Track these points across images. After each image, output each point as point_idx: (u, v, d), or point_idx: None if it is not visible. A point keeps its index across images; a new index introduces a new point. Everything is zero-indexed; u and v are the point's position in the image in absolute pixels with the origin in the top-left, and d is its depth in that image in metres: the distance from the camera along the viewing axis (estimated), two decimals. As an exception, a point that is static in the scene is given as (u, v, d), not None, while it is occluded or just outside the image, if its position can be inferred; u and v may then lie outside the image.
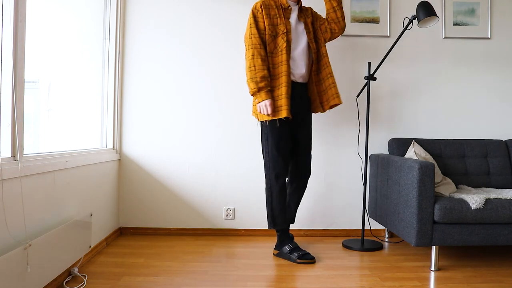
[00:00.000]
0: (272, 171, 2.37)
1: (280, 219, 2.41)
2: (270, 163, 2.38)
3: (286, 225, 2.45)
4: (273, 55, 2.35)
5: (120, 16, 2.82)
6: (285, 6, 2.40)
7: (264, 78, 2.27)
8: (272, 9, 2.38)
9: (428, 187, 2.14)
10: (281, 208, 2.41)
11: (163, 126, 2.88)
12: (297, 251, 2.34)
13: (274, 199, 2.40)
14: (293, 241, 2.43)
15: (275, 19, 2.37)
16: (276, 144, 2.34)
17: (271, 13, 2.37)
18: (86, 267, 2.15)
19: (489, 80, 2.99)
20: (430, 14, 2.44)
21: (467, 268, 2.24)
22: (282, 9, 2.40)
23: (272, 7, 2.38)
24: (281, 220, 2.42)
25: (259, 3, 2.38)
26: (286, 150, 2.37)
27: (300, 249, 2.37)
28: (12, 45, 1.54)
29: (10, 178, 1.49)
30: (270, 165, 2.38)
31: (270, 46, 2.34)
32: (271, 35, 2.34)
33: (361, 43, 2.94)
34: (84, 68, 2.64)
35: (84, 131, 2.62)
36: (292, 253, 2.34)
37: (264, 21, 2.34)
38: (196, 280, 2.00)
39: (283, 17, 2.37)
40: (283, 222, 2.43)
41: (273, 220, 2.43)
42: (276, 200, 2.39)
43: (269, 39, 2.34)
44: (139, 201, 2.88)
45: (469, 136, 2.99)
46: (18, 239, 1.53)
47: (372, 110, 2.93)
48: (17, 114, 1.56)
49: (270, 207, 2.42)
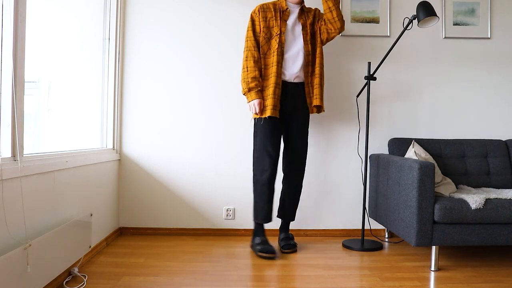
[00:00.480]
0: (257, 166, 2.47)
1: (262, 213, 2.48)
2: (257, 158, 2.48)
3: (268, 220, 2.50)
4: (266, 56, 2.46)
5: (120, 16, 2.82)
6: (283, 8, 2.49)
7: (254, 78, 2.40)
8: (269, 12, 2.48)
9: (428, 187, 2.14)
10: (264, 203, 2.47)
11: (163, 126, 2.88)
12: (264, 244, 2.41)
13: (258, 194, 2.48)
14: (263, 235, 2.50)
15: (271, 21, 2.47)
16: (263, 141, 2.43)
17: (267, 16, 2.47)
18: (86, 267, 2.15)
19: (489, 80, 2.99)
20: (430, 14, 2.44)
21: (467, 268, 2.24)
22: (280, 11, 2.48)
23: (270, 10, 2.49)
24: (263, 215, 2.48)
25: (258, 6, 2.51)
26: (273, 147, 2.44)
27: (267, 243, 2.43)
28: (12, 45, 1.54)
29: (10, 178, 1.49)
30: (256, 160, 2.48)
31: (264, 48, 2.46)
32: (265, 37, 2.46)
33: (361, 43, 2.94)
34: (84, 68, 2.64)
35: (84, 131, 2.62)
36: (258, 245, 2.42)
37: (260, 23, 2.46)
38: (196, 280, 2.00)
39: (279, 20, 2.46)
40: (264, 217, 2.49)
41: (255, 213, 2.52)
42: (259, 194, 2.47)
43: (263, 41, 2.46)
44: (139, 201, 2.88)
45: (469, 136, 2.99)
46: (18, 239, 1.53)
47: (372, 110, 2.93)
48: (17, 114, 1.56)
49: (254, 201, 2.51)
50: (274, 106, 2.38)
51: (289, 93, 2.47)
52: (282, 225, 2.65)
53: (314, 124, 2.91)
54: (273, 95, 2.38)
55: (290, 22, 2.49)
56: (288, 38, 2.47)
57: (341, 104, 2.93)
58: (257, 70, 2.41)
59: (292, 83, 2.48)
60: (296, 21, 2.50)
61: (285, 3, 2.50)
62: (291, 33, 2.48)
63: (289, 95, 2.47)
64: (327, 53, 2.91)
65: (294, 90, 2.48)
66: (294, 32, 2.49)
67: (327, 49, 2.90)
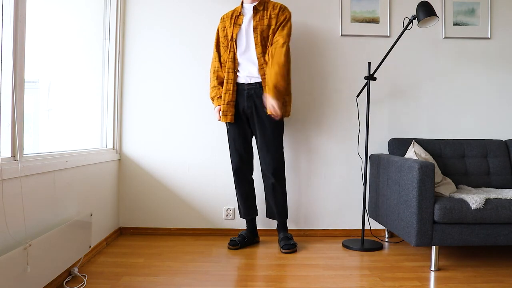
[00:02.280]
0: (232, 165, 2.64)
1: (242, 210, 2.67)
2: (230, 158, 2.66)
3: (247, 216, 2.67)
4: (226, 63, 2.55)
5: (120, 16, 2.82)
6: (237, 13, 2.52)
7: (214, 88, 2.58)
8: (227, 21, 2.55)
9: (428, 187, 2.14)
10: (242, 201, 2.64)
11: (163, 126, 2.88)
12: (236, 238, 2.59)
13: (236, 191, 2.68)
14: (247, 229, 2.66)
15: (228, 29, 2.53)
16: (230, 142, 2.61)
17: (225, 25, 2.55)
18: (86, 267, 2.15)
19: (489, 80, 2.99)
20: (430, 14, 2.44)
21: (467, 268, 2.24)
22: (235, 17, 2.52)
23: (228, 18, 2.55)
24: (243, 212, 2.67)
25: (222, 17, 2.60)
26: (239, 148, 2.58)
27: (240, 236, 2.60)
28: (12, 45, 1.54)
29: (10, 178, 1.49)
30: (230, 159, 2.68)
31: (224, 57, 2.57)
32: (223, 46, 2.57)
33: (361, 43, 2.94)
34: (84, 68, 2.64)
35: (84, 131, 2.62)
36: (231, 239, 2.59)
37: (220, 34, 2.58)
38: (196, 280, 2.00)
39: (232, 26, 2.51)
40: (244, 213, 2.67)
41: (238, 209, 2.72)
42: (237, 192, 2.67)
43: (222, 49, 2.58)
44: (139, 201, 2.88)
45: (469, 136, 2.99)
46: (18, 239, 1.53)
47: (372, 110, 2.93)
48: (17, 114, 1.56)
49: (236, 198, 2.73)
50: (225, 112, 2.50)
51: (248, 94, 2.49)
52: (278, 225, 2.67)
53: (314, 124, 2.91)
54: (228, 101, 2.50)
55: (244, 26, 2.48)
56: (241, 41, 2.48)
57: (341, 104, 2.93)
58: (215, 79, 2.58)
59: (249, 85, 2.49)
60: (249, 22, 2.48)
61: (241, 6, 2.52)
62: (244, 35, 2.48)
63: (249, 97, 2.49)
64: (327, 53, 2.91)
65: (252, 91, 2.49)
66: (248, 34, 2.48)
67: (327, 49, 2.90)
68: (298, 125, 2.92)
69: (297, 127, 2.92)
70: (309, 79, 2.92)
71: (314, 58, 2.92)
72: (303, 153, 2.92)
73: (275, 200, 2.60)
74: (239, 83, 2.51)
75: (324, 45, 2.92)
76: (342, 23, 2.90)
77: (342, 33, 2.90)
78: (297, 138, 2.92)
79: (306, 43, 2.91)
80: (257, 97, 2.48)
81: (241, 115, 2.53)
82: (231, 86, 2.49)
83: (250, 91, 2.49)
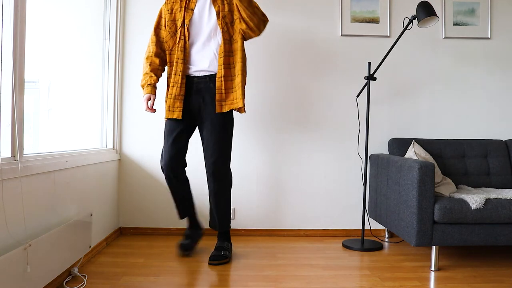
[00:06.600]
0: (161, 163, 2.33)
1: (178, 209, 2.44)
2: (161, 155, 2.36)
3: (180, 217, 2.47)
4: (171, 52, 2.29)
5: (120, 16, 2.82)
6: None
7: (146, 74, 2.31)
8: (176, 3, 2.28)
9: (428, 187, 2.14)
10: (176, 200, 2.40)
11: (163, 126, 2.88)
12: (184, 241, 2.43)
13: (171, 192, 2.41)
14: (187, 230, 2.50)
15: (177, 13, 2.27)
16: (164, 139, 2.31)
17: (174, 7, 2.28)
18: (86, 267, 2.15)
19: (489, 80, 2.99)
20: (430, 14, 2.45)
21: (467, 268, 2.24)
22: (186, 0, 2.25)
23: (177, 0, 2.28)
24: (179, 212, 2.45)
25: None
26: (172, 147, 2.27)
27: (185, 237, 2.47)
28: (12, 45, 1.54)
29: (10, 178, 1.49)
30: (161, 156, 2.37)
31: (169, 43, 2.29)
32: (169, 32, 2.28)
33: (361, 43, 2.94)
34: (84, 68, 2.64)
35: (84, 131, 2.62)
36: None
37: (165, 17, 2.30)
38: (196, 280, 2.00)
39: (184, 10, 2.24)
40: (182, 214, 2.45)
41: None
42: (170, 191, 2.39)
43: (168, 36, 2.29)
44: (139, 201, 2.88)
45: (469, 136, 2.99)
46: (18, 239, 1.53)
47: (372, 110, 2.93)
48: (17, 114, 1.56)
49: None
50: (172, 107, 2.24)
51: (196, 88, 2.26)
52: (218, 233, 2.44)
53: (314, 124, 2.91)
54: (170, 95, 2.25)
55: (197, 10, 2.23)
56: (195, 29, 2.23)
57: (341, 104, 2.93)
58: (149, 66, 2.30)
59: (198, 77, 2.25)
60: (206, 7, 2.23)
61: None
62: (197, 22, 2.23)
63: (197, 91, 2.26)
64: (327, 53, 2.91)
65: (204, 85, 2.25)
66: (201, 20, 2.23)
67: (327, 49, 2.90)
68: (297, 125, 2.92)
69: (297, 126, 2.92)
70: (309, 79, 2.92)
71: (314, 58, 2.92)
72: (303, 153, 2.92)
73: (217, 209, 2.35)
74: (187, 75, 2.27)
75: (324, 45, 2.92)
76: (342, 23, 2.90)
77: (342, 33, 2.90)
78: (297, 138, 2.92)
79: (306, 43, 2.91)
80: (206, 92, 2.25)
81: (186, 111, 2.27)
82: (179, 78, 2.22)
83: (199, 85, 2.25)
